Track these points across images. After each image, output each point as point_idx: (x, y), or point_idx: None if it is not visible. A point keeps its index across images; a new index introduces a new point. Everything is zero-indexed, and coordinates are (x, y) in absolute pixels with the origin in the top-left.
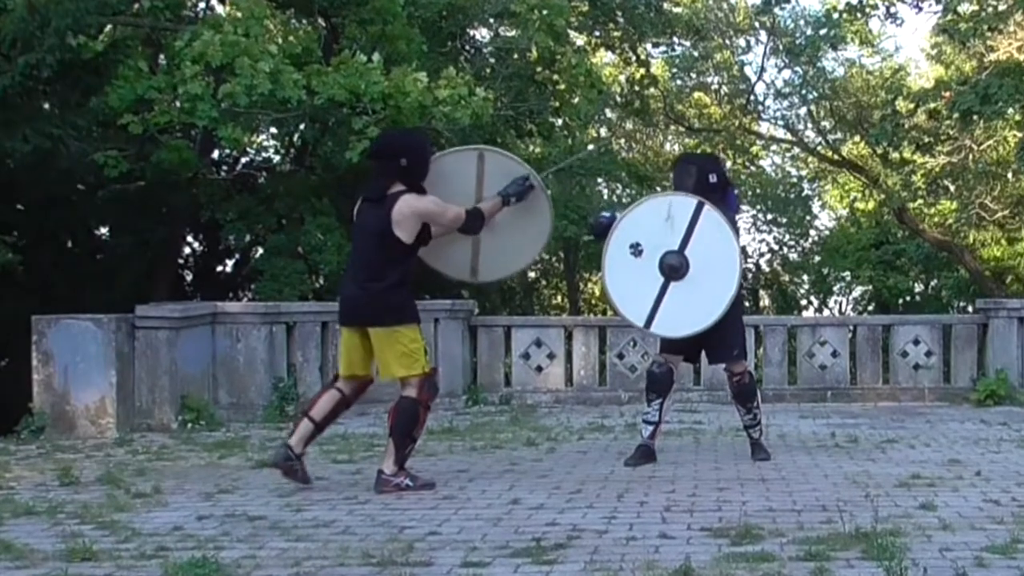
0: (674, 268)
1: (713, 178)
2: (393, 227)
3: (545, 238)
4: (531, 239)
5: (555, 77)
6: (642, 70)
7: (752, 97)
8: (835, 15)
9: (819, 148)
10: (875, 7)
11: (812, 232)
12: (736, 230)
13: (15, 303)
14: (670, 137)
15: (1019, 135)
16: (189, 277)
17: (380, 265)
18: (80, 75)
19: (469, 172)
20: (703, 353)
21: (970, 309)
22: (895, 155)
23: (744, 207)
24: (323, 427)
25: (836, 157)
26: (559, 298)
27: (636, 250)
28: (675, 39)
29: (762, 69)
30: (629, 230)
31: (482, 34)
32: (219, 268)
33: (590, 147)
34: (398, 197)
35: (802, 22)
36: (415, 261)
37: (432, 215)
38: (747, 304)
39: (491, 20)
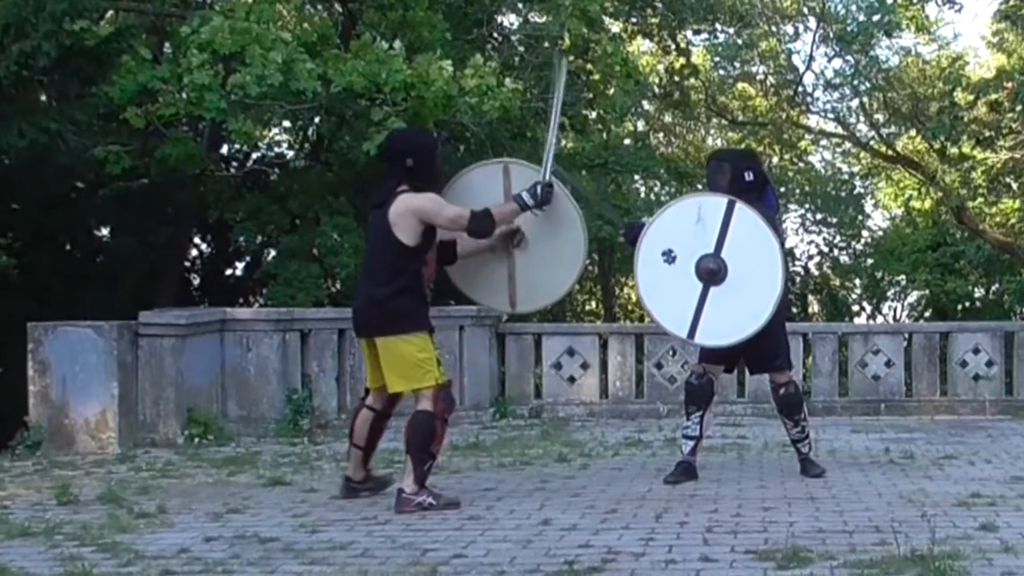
0: (712, 272)
1: (749, 176)
2: (392, 229)
3: (582, 257)
4: (568, 260)
5: (589, 67)
6: (682, 59)
7: (800, 88)
8: (889, 0)
9: (872, 143)
10: None
11: (864, 233)
12: (776, 228)
13: (10, 309)
14: (712, 131)
15: None
16: (196, 281)
17: (383, 271)
18: (80, 65)
19: (496, 186)
20: (745, 363)
21: None
22: (953, 150)
23: (792, 206)
24: (372, 446)
25: (890, 152)
26: (593, 303)
27: (669, 257)
28: (717, 26)
29: (811, 58)
30: (658, 237)
31: (510, 20)
32: (228, 271)
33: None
34: (400, 195)
35: (854, 7)
36: (420, 265)
37: (427, 212)
38: (794, 310)
39: (520, 5)
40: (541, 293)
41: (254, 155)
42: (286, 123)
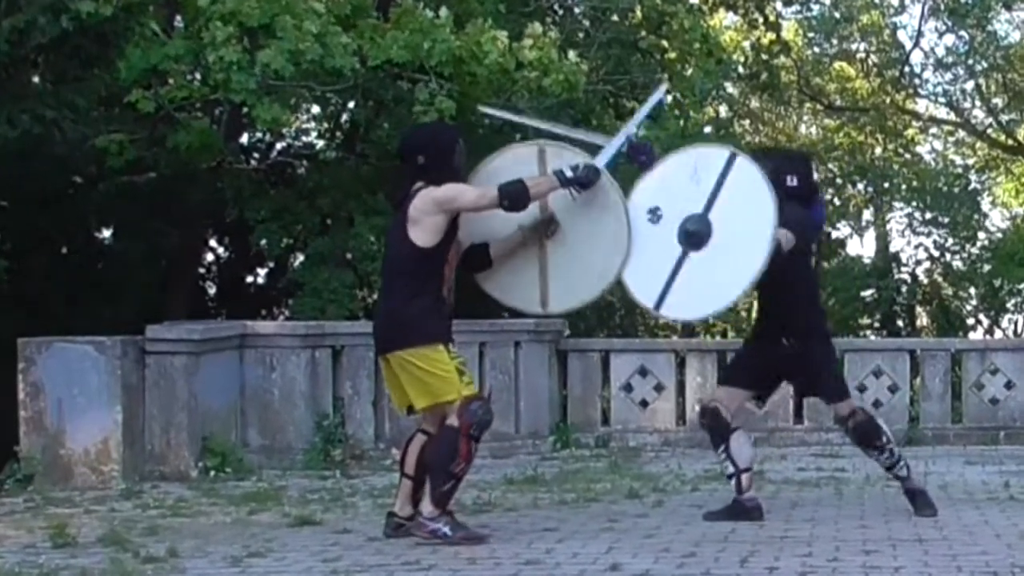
0: (691, 235)
1: (792, 180)
2: (409, 228)
3: (623, 248)
4: (608, 251)
5: (664, 43)
6: (771, 35)
7: (907, 68)
8: None
9: (989, 131)
10: None
11: (981, 235)
12: (808, 243)
13: None
14: (805, 117)
15: None
16: (212, 290)
17: (395, 279)
18: (80, 43)
19: (529, 172)
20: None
21: None
22: None
23: (896, 204)
24: (423, 478)
25: (1010, 142)
26: None
27: (655, 216)
28: None
29: (919, 34)
30: (649, 192)
31: None
32: (248, 279)
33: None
34: (415, 195)
35: None
36: (441, 271)
37: (448, 199)
38: (901, 323)
39: None
40: (577, 289)
41: (279, 145)
42: (315, 108)
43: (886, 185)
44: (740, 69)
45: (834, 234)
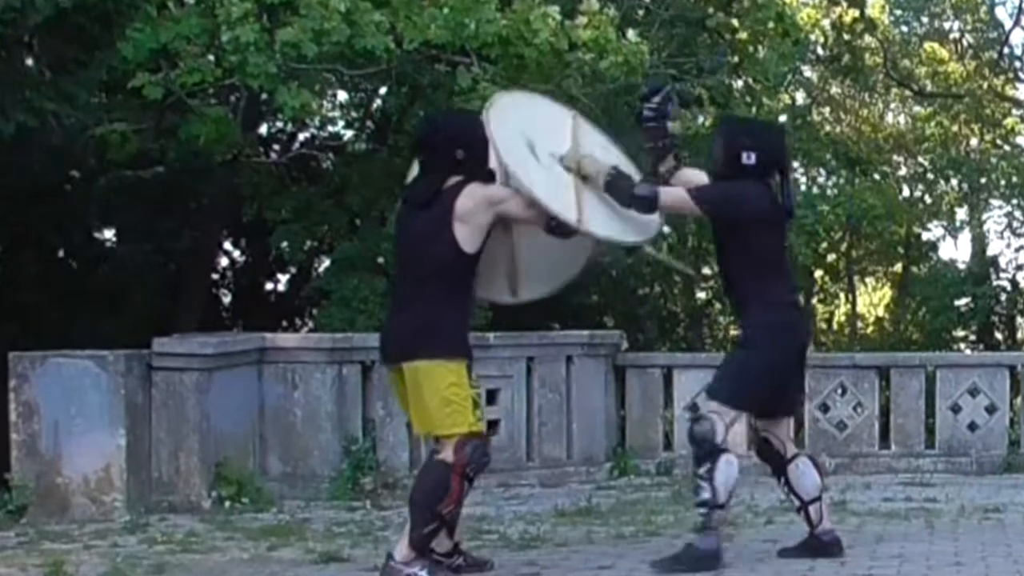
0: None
1: (749, 158)
2: (456, 228)
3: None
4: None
5: (734, 22)
6: (854, 12)
7: (1006, 50)
8: None
9: None
10: None
11: None
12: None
13: None
14: (893, 104)
15: None
16: (227, 299)
17: (430, 282)
18: (80, 24)
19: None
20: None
21: None
22: None
23: (994, 202)
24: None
25: None
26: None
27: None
28: None
29: (1020, 11)
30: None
31: None
32: (268, 286)
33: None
34: (460, 188)
35: None
36: (473, 282)
37: (501, 198)
38: (1000, 336)
39: None
40: (547, 274)
41: (302, 136)
42: (342, 94)
43: (983, 180)
44: (819, 50)
45: (924, 236)
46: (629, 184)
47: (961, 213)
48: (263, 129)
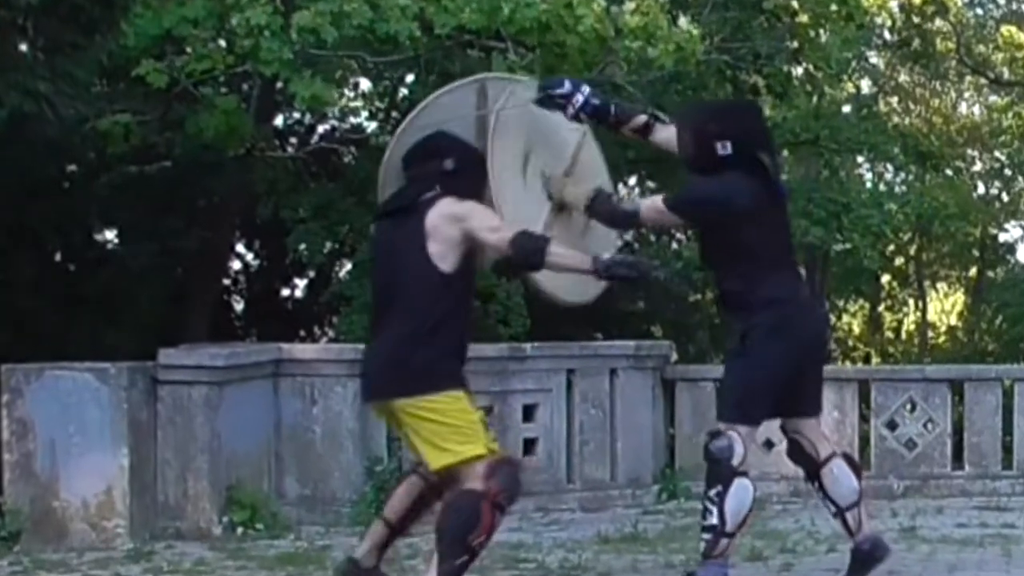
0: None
1: (725, 148)
2: (428, 244)
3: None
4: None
5: (793, 4)
6: None
7: None
8: None
9: None
10: None
11: None
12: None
13: None
14: (967, 94)
15: None
16: (239, 306)
17: (406, 304)
18: (79, 4)
19: (465, 111)
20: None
21: None
22: None
23: None
24: (404, 527)
25: None
26: None
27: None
28: None
29: None
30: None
31: None
32: (284, 292)
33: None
34: (434, 202)
35: None
36: (464, 304)
37: (465, 214)
38: None
39: None
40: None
41: (321, 128)
42: (365, 83)
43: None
44: (886, 35)
45: (1001, 237)
46: (611, 202)
47: None
48: (279, 121)
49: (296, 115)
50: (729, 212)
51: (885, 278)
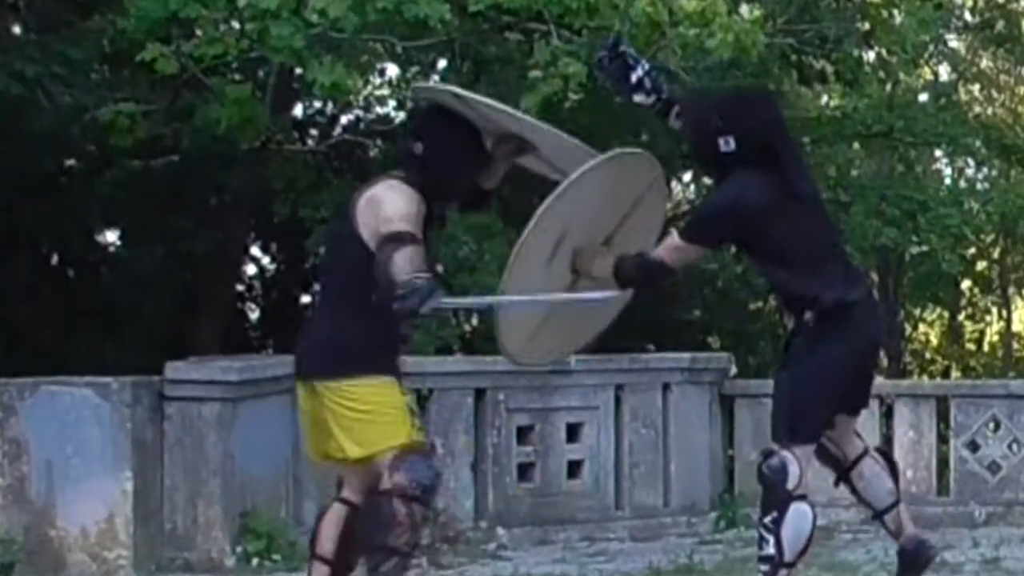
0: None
1: (728, 144)
2: (358, 222)
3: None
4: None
5: None
6: None
7: None
8: None
9: None
10: None
11: None
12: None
13: None
14: None
15: None
16: (254, 314)
17: (338, 286)
18: None
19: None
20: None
21: None
22: None
23: None
24: (345, 561)
25: None
26: None
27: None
28: None
29: None
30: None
31: None
32: (304, 299)
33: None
34: (380, 181)
35: None
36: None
37: (384, 203)
38: None
39: None
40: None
41: (344, 119)
42: (392, 71)
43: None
44: (967, 16)
45: None
46: (636, 263)
47: None
48: (298, 111)
49: (316, 105)
50: (742, 217)
51: (966, 284)
